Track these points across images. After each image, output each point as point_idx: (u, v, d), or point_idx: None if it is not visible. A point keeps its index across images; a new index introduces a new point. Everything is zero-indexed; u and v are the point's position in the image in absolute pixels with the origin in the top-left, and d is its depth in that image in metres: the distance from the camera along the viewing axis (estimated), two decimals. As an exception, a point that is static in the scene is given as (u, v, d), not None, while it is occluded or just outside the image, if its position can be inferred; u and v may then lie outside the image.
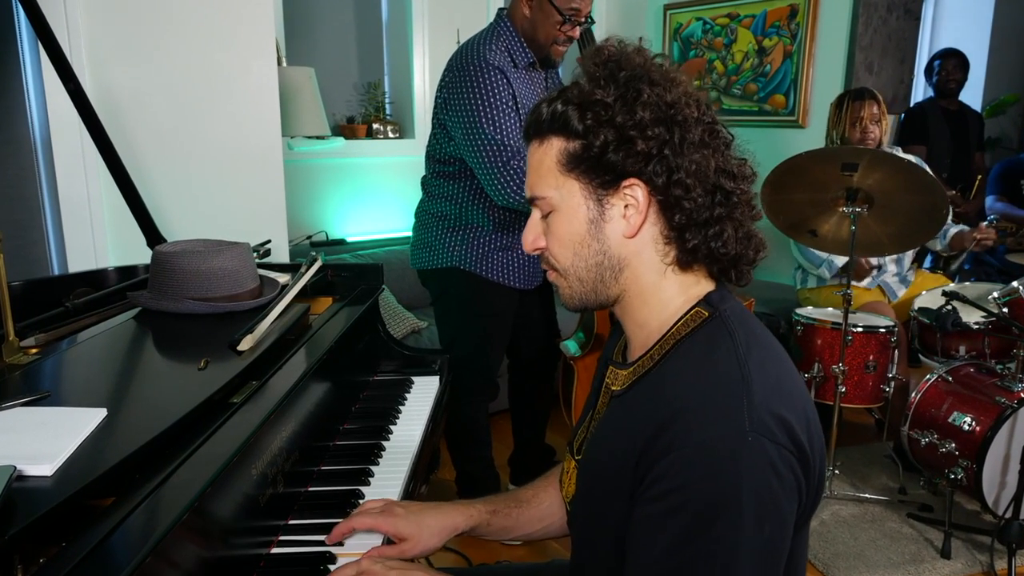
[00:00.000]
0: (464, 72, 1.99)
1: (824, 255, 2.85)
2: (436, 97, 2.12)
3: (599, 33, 4.05)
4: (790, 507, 0.78)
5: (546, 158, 0.88)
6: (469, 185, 2.11)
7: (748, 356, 0.80)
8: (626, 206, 0.86)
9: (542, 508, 1.14)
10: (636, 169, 0.83)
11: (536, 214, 0.92)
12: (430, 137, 2.19)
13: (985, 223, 2.91)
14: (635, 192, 0.85)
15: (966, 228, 3.10)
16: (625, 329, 0.95)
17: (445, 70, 2.08)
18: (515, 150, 1.96)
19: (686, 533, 0.75)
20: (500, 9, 2.14)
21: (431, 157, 2.20)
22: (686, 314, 0.87)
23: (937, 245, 3.13)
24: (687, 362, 0.83)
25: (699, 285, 0.89)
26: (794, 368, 0.88)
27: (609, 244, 0.87)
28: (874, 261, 2.90)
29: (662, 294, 0.88)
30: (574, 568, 0.98)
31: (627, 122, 0.82)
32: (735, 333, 0.83)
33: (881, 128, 2.82)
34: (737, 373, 0.79)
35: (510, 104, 1.98)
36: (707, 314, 0.86)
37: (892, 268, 2.98)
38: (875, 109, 2.80)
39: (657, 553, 0.76)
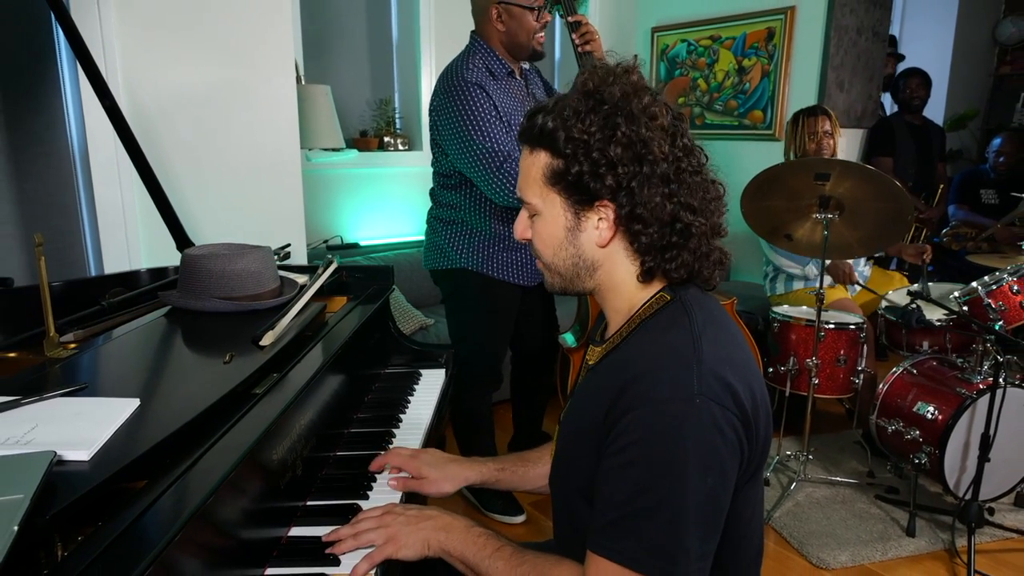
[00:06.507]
0: (448, 95, 2.02)
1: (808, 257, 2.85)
2: (429, 120, 2.14)
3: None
4: (732, 464, 0.81)
5: (533, 168, 0.92)
6: (469, 194, 2.13)
7: (702, 332, 0.84)
8: (600, 219, 0.89)
9: (547, 467, 1.18)
10: (609, 195, 0.87)
11: (524, 212, 0.97)
12: (432, 154, 2.21)
13: (950, 222, 2.90)
14: (607, 212, 0.89)
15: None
16: (604, 313, 1.00)
17: (432, 95, 2.11)
18: (506, 154, 1.97)
19: (641, 483, 0.78)
20: (472, 31, 2.15)
21: (435, 171, 2.23)
22: (651, 298, 0.91)
23: None
24: (648, 336, 0.88)
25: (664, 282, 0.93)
26: (748, 351, 0.91)
27: (584, 249, 0.92)
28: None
29: (632, 288, 0.93)
30: (556, 521, 1.02)
31: (601, 159, 0.85)
32: (692, 313, 0.87)
33: (835, 141, 2.83)
34: (689, 345, 0.83)
35: (493, 114, 2.00)
36: (669, 298, 0.90)
37: (860, 265, 2.99)
38: (828, 124, 2.81)
39: (617, 501, 0.79)
